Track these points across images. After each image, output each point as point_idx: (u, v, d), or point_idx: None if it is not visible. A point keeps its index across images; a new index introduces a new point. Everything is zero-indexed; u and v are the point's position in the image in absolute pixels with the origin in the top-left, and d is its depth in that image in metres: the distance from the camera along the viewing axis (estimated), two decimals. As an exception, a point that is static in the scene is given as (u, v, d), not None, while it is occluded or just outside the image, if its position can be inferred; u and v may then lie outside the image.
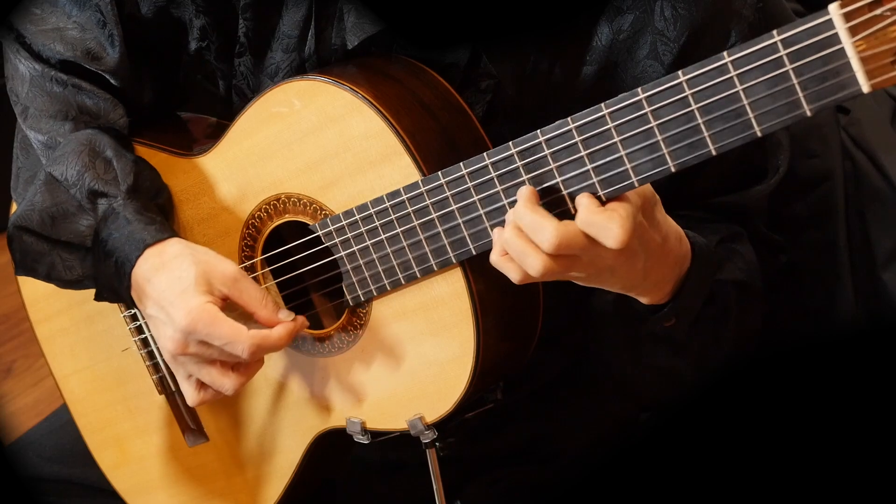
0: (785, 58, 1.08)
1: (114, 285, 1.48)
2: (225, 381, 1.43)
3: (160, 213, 1.49)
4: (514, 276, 1.23)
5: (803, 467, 1.73)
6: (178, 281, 1.40)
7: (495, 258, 1.24)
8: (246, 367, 1.43)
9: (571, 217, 1.21)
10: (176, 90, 1.62)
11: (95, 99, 1.54)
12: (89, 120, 1.54)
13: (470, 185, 1.29)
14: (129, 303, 1.49)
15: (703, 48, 1.37)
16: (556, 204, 1.23)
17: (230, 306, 1.43)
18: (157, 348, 1.58)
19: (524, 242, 1.20)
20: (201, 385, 1.46)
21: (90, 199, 1.48)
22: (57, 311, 1.68)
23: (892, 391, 1.68)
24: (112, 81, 1.55)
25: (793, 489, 1.74)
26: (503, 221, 1.27)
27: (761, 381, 1.74)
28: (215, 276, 1.41)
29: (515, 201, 1.24)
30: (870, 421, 1.71)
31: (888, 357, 1.68)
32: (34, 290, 1.69)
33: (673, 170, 1.17)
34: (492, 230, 1.27)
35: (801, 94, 1.09)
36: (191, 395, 1.48)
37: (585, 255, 1.20)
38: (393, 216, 1.35)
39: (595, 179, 1.21)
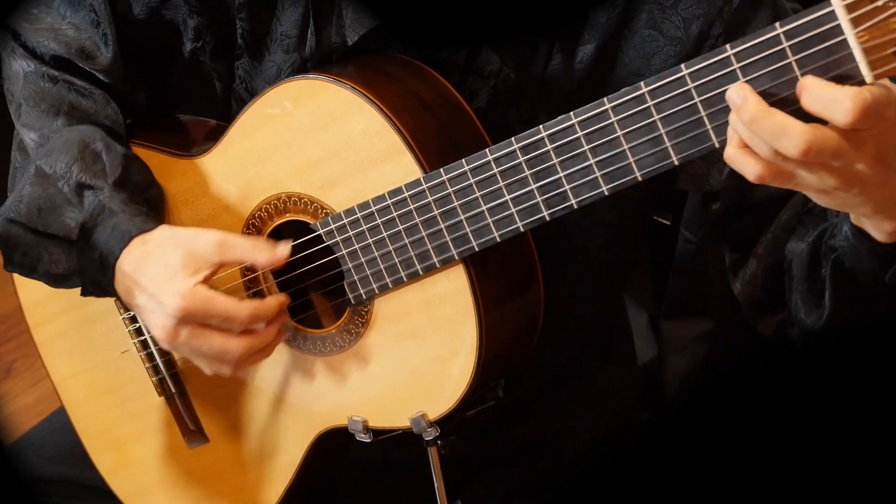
0: (788, 49, 1.08)
1: (97, 278, 1.46)
2: (229, 345, 1.40)
3: (146, 205, 1.48)
4: (752, 171, 1.09)
5: (804, 466, 1.73)
6: (164, 268, 1.39)
7: (731, 151, 1.10)
8: (254, 333, 1.41)
9: None
10: (170, 91, 1.62)
11: (87, 96, 1.54)
12: (82, 116, 1.54)
13: (472, 181, 1.29)
14: (113, 295, 1.47)
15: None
16: None
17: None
18: (153, 342, 1.58)
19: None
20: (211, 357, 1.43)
21: (77, 191, 1.47)
22: (54, 314, 1.67)
23: (893, 391, 1.68)
24: (105, 80, 1.56)
25: (793, 488, 1.74)
26: (506, 217, 1.28)
27: (762, 381, 1.74)
28: (200, 250, 1.40)
29: (518, 197, 1.23)
30: (870, 421, 1.71)
31: (888, 357, 1.68)
32: (31, 294, 1.68)
33: (676, 163, 1.17)
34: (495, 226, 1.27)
35: (804, 86, 1.09)
36: (206, 368, 1.44)
37: (836, 162, 1.06)
38: (395, 213, 1.35)
39: (598, 174, 1.21)
